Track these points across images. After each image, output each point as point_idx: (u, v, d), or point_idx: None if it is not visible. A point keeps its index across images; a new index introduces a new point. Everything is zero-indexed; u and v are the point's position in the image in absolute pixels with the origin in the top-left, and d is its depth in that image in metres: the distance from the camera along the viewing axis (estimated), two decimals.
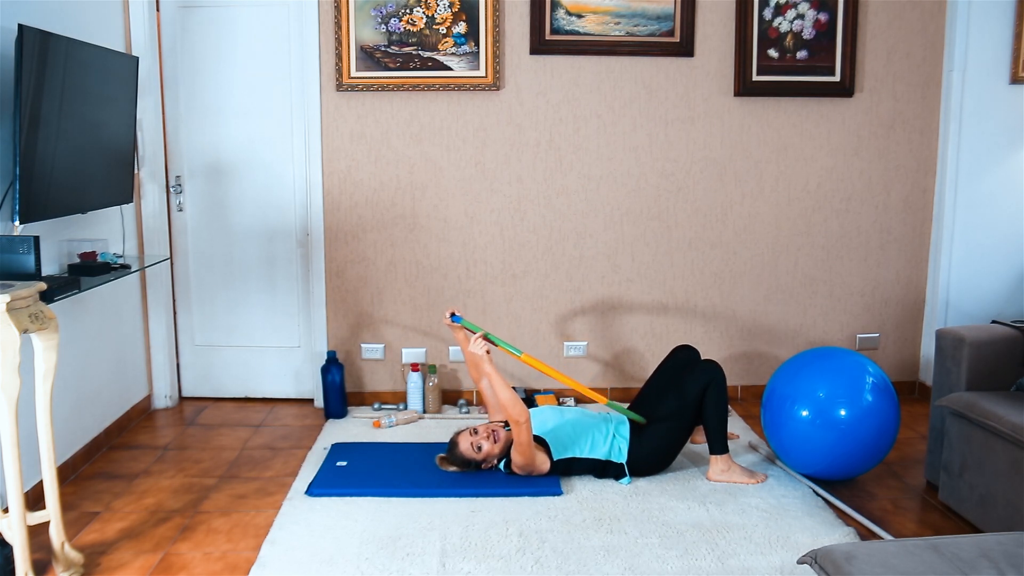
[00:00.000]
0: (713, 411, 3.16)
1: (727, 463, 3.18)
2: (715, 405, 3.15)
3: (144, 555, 2.65)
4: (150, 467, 3.37)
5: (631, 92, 3.95)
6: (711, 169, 4.03)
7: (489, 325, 4.07)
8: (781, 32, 3.92)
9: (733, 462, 3.20)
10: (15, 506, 2.36)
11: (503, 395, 3.00)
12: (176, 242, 4.11)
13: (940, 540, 1.81)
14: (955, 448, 2.88)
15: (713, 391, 3.15)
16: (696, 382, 3.17)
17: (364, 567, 2.54)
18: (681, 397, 3.18)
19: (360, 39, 3.83)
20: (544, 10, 3.83)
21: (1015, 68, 3.89)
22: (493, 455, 3.15)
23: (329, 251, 4.01)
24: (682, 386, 3.20)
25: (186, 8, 3.90)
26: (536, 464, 3.10)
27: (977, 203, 4.01)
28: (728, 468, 3.18)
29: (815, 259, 4.14)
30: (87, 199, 3.14)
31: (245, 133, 3.99)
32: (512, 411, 2.98)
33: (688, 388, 3.17)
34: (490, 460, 3.16)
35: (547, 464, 3.12)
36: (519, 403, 3.00)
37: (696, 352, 3.47)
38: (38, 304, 2.40)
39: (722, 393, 3.16)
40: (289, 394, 4.20)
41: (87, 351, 3.41)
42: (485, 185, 3.99)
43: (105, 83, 3.21)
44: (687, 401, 3.16)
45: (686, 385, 3.18)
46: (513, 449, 3.08)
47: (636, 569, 2.53)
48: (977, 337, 2.92)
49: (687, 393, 3.16)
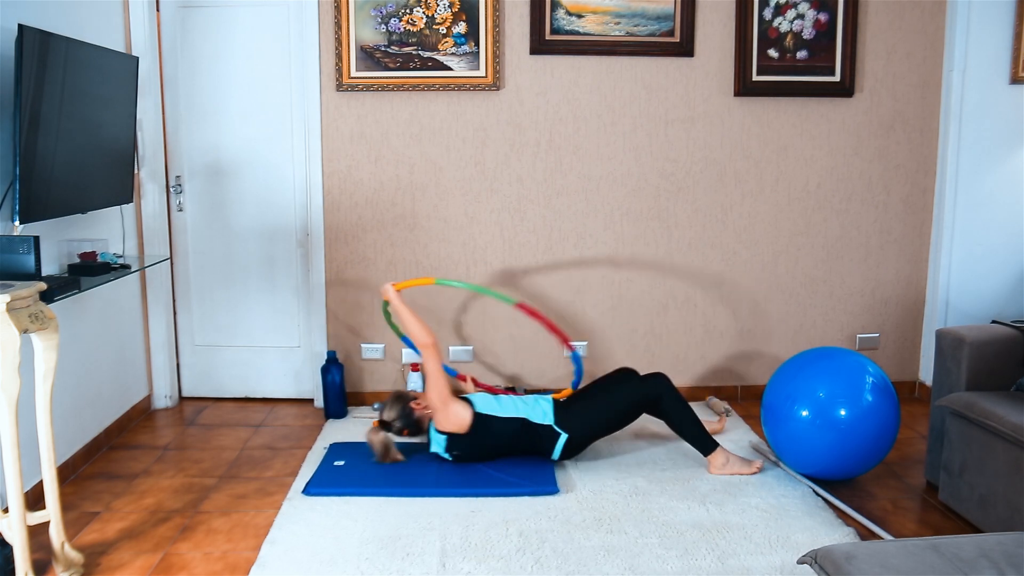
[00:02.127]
0: (679, 421, 3.22)
1: (723, 456, 3.21)
2: (678, 415, 3.22)
3: (144, 555, 2.65)
4: (150, 467, 3.37)
5: (631, 92, 3.95)
6: (711, 169, 4.03)
7: (489, 325, 4.08)
8: (781, 32, 3.92)
9: (730, 454, 3.23)
10: (15, 506, 2.36)
11: (408, 320, 3.19)
12: (176, 242, 4.11)
13: (940, 540, 1.81)
14: (955, 448, 2.88)
15: (668, 403, 3.21)
16: (644, 386, 3.24)
17: (364, 567, 2.54)
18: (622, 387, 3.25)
19: (360, 39, 3.83)
20: (544, 10, 3.83)
21: (1015, 68, 3.89)
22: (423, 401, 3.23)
23: (329, 251, 4.01)
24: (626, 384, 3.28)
25: (186, 8, 3.90)
26: (453, 408, 3.16)
27: (977, 203, 4.01)
28: (727, 461, 3.21)
29: (815, 259, 4.14)
30: (87, 199, 3.14)
31: (245, 133, 3.99)
32: (420, 334, 3.17)
33: (632, 388, 3.25)
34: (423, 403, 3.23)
35: (468, 413, 3.16)
36: (425, 328, 3.20)
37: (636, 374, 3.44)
38: (38, 304, 2.40)
39: (677, 401, 3.22)
40: (289, 394, 4.20)
41: (87, 351, 3.41)
42: (485, 185, 3.99)
43: (105, 83, 3.21)
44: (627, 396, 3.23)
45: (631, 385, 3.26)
46: (428, 388, 3.18)
47: (636, 569, 2.53)
48: (977, 337, 2.92)
49: (630, 391, 3.24)
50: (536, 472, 3.18)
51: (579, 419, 3.21)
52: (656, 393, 3.23)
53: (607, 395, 3.28)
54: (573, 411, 3.24)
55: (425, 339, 3.17)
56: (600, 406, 3.25)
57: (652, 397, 3.23)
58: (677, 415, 3.23)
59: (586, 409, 3.24)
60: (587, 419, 3.22)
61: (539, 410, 3.22)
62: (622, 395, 3.25)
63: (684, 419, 3.23)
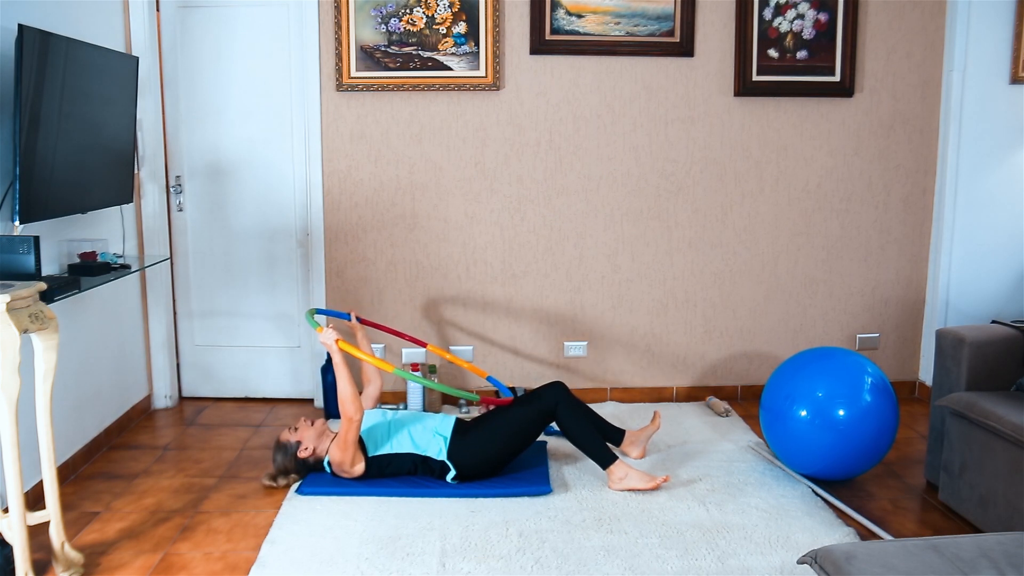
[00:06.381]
0: (574, 433, 3.13)
1: (623, 470, 3.09)
2: (574, 427, 3.12)
3: (144, 555, 2.65)
4: (150, 467, 3.37)
5: (631, 92, 3.95)
6: (711, 169, 4.03)
7: (489, 325, 4.08)
8: (781, 32, 3.92)
9: (630, 468, 3.10)
10: (15, 506, 2.36)
11: (343, 388, 3.03)
12: (176, 242, 4.11)
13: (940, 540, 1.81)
14: (955, 448, 2.88)
15: (563, 413, 3.12)
16: (538, 401, 3.14)
17: (364, 567, 2.54)
18: (521, 409, 3.15)
19: (360, 39, 3.83)
20: (544, 10, 3.83)
21: (1015, 68, 3.89)
22: (309, 440, 3.13)
23: (329, 251, 4.01)
24: (528, 401, 3.17)
25: (186, 8, 3.90)
26: (350, 464, 3.07)
27: (977, 203, 4.01)
28: (625, 475, 3.08)
29: (815, 259, 4.14)
30: (87, 199, 3.14)
31: (245, 133, 3.99)
32: (348, 406, 3.01)
33: (527, 407, 3.15)
34: (307, 446, 3.13)
35: (361, 464, 3.09)
36: (356, 400, 3.02)
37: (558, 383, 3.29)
38: (38, 304, 2.40)
39: (573, 412, 3.13)
40: (289, 394, 4.20)
41: (87, 351, 3.41)
42: (485, 185, 3.99)
43: (105, 83, 3.21)
44: (524, 414, 3.13)
45: (531, 401, 3.16)
46: (334, 443, 3.10)
47: (636, 569, 2.53)
48: (977, 337, 2.92)
49: (525, 409, 3.14)
50: (529, 473, 3.18)
51: (470, 450, 3.10)
52: (551, 404, 3.13)
53: (503, 419, 3.16)
54: (467, 441, 3.11)
55: (353, 414, 3.00)
56: (495, 434, 3.12)
57: (547, 410, 3.12)
58: (572, 426, 3.11)
59: (479, 439, 3.12)
60: (479, 450, 3.10)
61: (435, 445, 3.12)
62: (516, 416, 3.14)
63: (579, 431, 3.12)
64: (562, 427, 3.14)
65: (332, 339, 3.12)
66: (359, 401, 3.03)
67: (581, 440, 3.13)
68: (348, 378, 3.04)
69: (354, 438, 3.04)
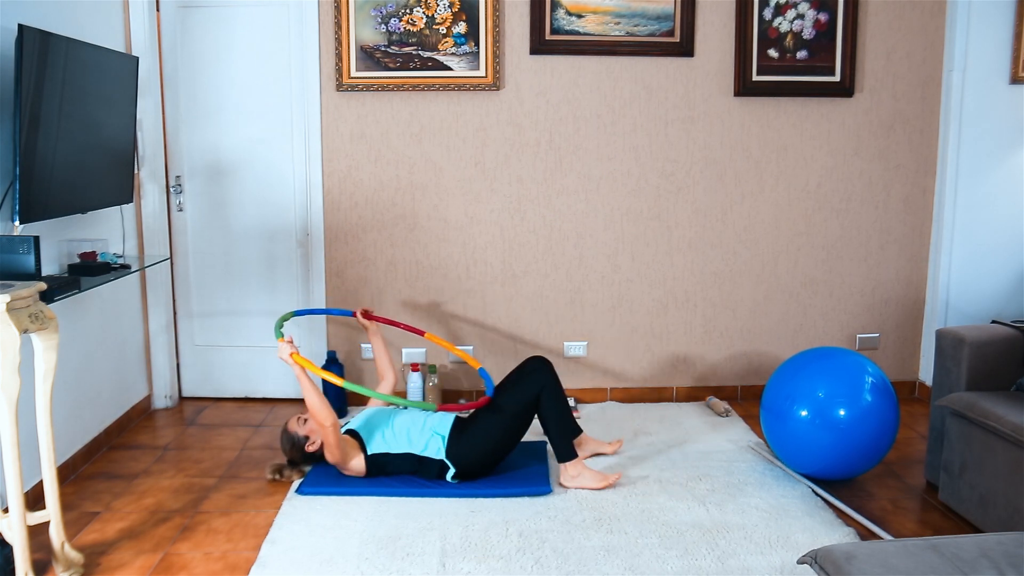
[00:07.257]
0: (551, 421, 3.13)
1: (576, 468, 3.10)
2: (551, 416, 3.12)
3: (144, 555, 2.65)
4: (150, 467, 3.37)
5: (631, 92, 3.95)
6: (711, 169, 4.03)
7: (489, 325, 4.08)
8: (781, 32, 3.92)
9: (585, 468, 3.12)
10: (15, 506, 2.36)
11: (309, 400, 3.00)
12: (176, 242, 4.11)
13: (940, 540, 1.81)
14: (955, 448, 2.88)
15: (547, 397, 3.12)
16: (530, 385, 3.14)
17: (364, 567, 2.54)
18: (512, 398, 3.15)
19: (360, 39, 3.83)
20: (544, 10, 3.83)
21: (1015, 68, 3.89)
22: (317, 435, 3.15)
23: (329, 251, 4.01)
24: (516, 389, 3.17)
25: (186, 8, 3.90)
26: (349, 463, 3.09)
27: (977, 203, 4.01)
28: (578, 474, 3.09)
29: (815, 259, 4.14)
30: (87, 199, 3.14)
31: (245, 133, 3.99)
32: (318, 415, 2.99)
33: (521, 391, 3.15)
34: (315, 440, 3.15)
35: (362, 462, 3.10)
36: (325, 408, 2.99)
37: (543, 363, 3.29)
38: (38, 304, 2.40)
39: (556, 398, 3.13)
40: (289, 394, 4.20)
41: (87, 351, 3.41)
42: (485, 185, 3.99)
43: (105, 83, 3.21)
44: (516, 403, 3.13)
45: (520, 388, 3.16)
46: (324, 448, 3.11)
47: (636, 569, 2.53)
48: (977, 337, 2.92)
49: (518, 396, 3.14)
50: (529, 473, 3.19)
51: (468, 447, 3.09)
52: (537, 389, 3.13)
53: (496, 413, 3.15)
54: (465, 439, 3.12)
55: (325, 421, 2.98)
56: (491, 428, 3.12)
57: (532, 397, 3.12)
58: (549, 416, 3.12)
59: (476, 435, 3.11)
60: (477, 446, 3.10)
61: (433, 445, 3.11)
62: (508, 410, 3.13)
63: (554, 420, 3.12)
64: (539, 412, 3.15)
65: (287, 353, 3.04)
66: (328, 407, 3.01)
67: (552, 429, 3.14)
68: (311, 388, 3.02)
69: (336, 441, 3.04)
